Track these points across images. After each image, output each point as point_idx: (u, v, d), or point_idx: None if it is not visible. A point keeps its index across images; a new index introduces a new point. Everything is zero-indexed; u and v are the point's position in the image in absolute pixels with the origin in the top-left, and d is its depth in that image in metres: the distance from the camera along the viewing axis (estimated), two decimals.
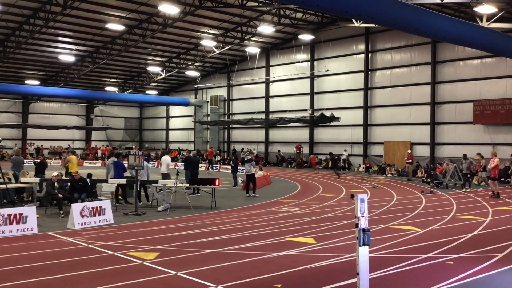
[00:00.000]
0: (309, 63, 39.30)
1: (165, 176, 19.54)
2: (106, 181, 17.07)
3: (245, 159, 20.86)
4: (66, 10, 28.39)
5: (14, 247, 10.09)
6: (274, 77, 41.95)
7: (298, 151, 39.78)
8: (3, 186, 14.43)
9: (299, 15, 32.95)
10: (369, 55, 35.34)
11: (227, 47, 38.17)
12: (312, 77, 39.00)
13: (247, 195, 19.73)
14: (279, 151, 41.67)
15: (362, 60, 35.60)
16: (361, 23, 30.99)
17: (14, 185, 16.45)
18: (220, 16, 32.95)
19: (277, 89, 42.27)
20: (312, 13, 32.98)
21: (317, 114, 35.96)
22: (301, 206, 16.75)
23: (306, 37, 35.78)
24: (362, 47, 35.73)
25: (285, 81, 41.19)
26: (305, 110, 38.33)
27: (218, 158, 43.23)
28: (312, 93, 39.05)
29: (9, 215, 11.40)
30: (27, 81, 43.84)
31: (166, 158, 20.92)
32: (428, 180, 24.31)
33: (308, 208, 16.37)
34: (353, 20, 30.79)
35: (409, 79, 33.00)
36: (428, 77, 31.81)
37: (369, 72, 35.38)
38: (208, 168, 36.58)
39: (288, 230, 12.11)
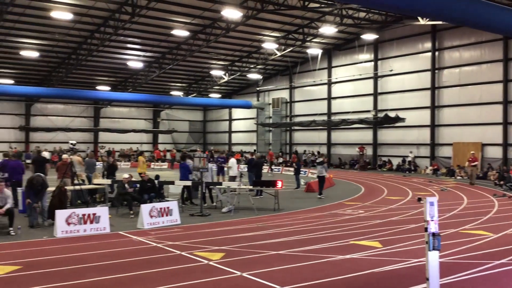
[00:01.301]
0: (372, 63, 38.54)
1: (234, 178, 19.87)
2: (172, 183, 17.58)
3: (317, 161, 20.92)
4: (134, 18, 29.52)
5: (88, 246, 10.62)
6: (336, 78, 41.50)
7: (361, 152, 39.13)
8: (78, 187, 15.23)
9: (362, 14, 32.42)
10: (436, 53, 34.12)
11: (289, 49, 38.21)
12: (376, 78, 38.21)
13: (319, 196, 19.71)
14: (339, 158, 41.16)
15: (429, 58, 34.44)
16: (428, 21, 30.00)
17: (87, 186, 17.30)
18: (281, 19, 33.05)
19: (339, 90, 41.77)
20: (375, 12, 32.34)
21: (380, 115, 35.20)
22: (365, 209, 16.47)
23: (369, 36, 35.14)
24: (428, 45, 34.58)
25: (348, 82, 40.63)
26: (368, 111, 37.61)
27: (281, 160, 43.32)
28: (375, 94, 38.26)
29: (84, 215, 12.02)
30: (99, 87, 45.97)
31: (234, 161, 21.31)
32: (501, 182, 23.14)
33: (373, 211, 16.07)
34: (419, 18, 29.89)
35: (479, 77, 31.54)
36: (499, 74, 30.28)
37: (436, 71, 34.16)
38: (269, 170, 36.76)
39: (352, 233, 11.95)
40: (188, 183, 17.16)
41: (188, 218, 14.43)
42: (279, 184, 16.40)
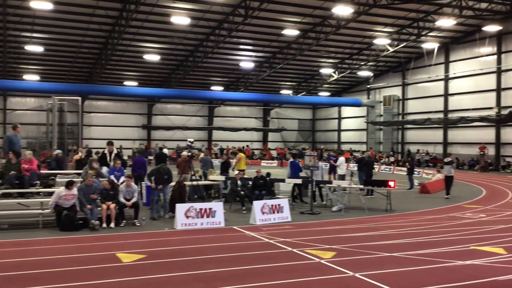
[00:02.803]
0: (495, 56, 35.82)
1: (343, 177, 19.76)
2: (283, 180, 17.87)
3: (445, 160, 20.23)
4: (247, 19, 30.42)
5: (205, 239, 11.20)
6: (454, 73, 39.18)
7: (482, 152, 36.53)
8: (195, 183, 16.09)
9: (483, 5, 30.24)
10: None
11: (402, 45, 36.84)
12: (499, 72, 35.45)
13: (446, 197, 19.02)
14: (456, 158, 38.80)
15: None
16: None
17: (203, 182, 18.18)
18: (395, 13, 31.97)
19: (457, 87, 39.38)
20: (499, 2, 29.98)
21: (504, 112, 32.59)
22: (487, 213, 15.40)
23: (491, 28, 32.66)
24: None
25: (467, 77, 38.17)
26: (490, 108, 35.03)
27: (392, 159, 41.96)
28: (498, 90, 35.51)
29: (201, 209, 12.68)
30: (213, 87, 48.05)
31: (343, 159, 21.17)
32: None
33: (496, 215, 14.98)
34: None
35: None
36: None
37: None
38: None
39: (472, 238, 11.27)
40: (299, 181, 17.33)
41: (298, 216, 14.58)
42: (392, 184, 15.92)
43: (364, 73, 45.89)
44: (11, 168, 13.10)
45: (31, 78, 41.13)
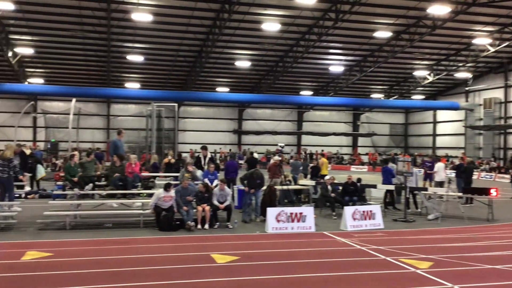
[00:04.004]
0: None
1: (440, 184, 18.92)
2: (375, 186, 17.47)
3: None
4: (337, 23, 30.16)
5: (296, 243, 11.25)
6: None
7: None
8: (285, 187, 16.22)
9: None
10: None
11: (504, 44, 34.47)
12: None
13: None
14: None
15: None
16: None
17: (293, 186, 18.28)
18: (496, 11, 30.01)
19: None
20: None
21: None
22: None
23: None
24: None
25: None
26: None
27: (494, 164, 39.37)
28: None
29: (291, 214, 12.77)
30: (302, 92, 48.13)
31: (441, 165, 20.25)
32: None
33: None
34: None
35: None
36: None
37: None
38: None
39: None
40: (391, 187, 16.86)
41: (391, 223, 14.18)
42: (494, 192, 14.96)
43: (462, 75, 43.53)
44: (116, 170, 14.04)
45: (132, 86, 43.76)
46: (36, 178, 20.08)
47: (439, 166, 20.12)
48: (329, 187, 15.98)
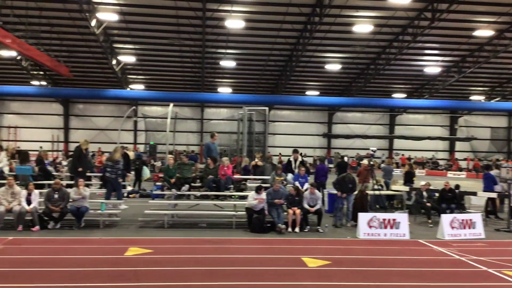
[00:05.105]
0: None
1: None
2: (475, 194, 16.54)
3: None
4: (434, 23, 28.94)
5: (389, 250, 10.96)
6: None
7: None
8: (377, 192, 15.85)
9: None
10: None
11: None
12: None
13: None
14: None
15: None
16: None
17: (385, 192, 17.82)
18: None
19: None
20: None
21: None
22: None
23: None
24: None
25: None
26: None
27: None
28: None
29: (384, 220, 12.46)
30: (394, 95, 46.65)
31: None
32: None
33: None
34: None
35: None
36: None
37: None
38: None
39: None
40: (493, 195, 15.86)
41: (493, 233, 13.36)
42: None
43: None
44: (209, 172, 14.55)
45: (224, 90, 45.05)
46: (142, 179, 21.47)
47: None
48: (424, 193, 15.39)
